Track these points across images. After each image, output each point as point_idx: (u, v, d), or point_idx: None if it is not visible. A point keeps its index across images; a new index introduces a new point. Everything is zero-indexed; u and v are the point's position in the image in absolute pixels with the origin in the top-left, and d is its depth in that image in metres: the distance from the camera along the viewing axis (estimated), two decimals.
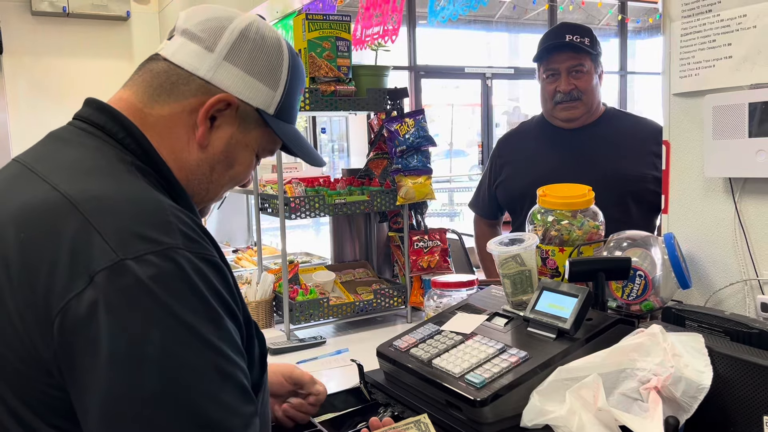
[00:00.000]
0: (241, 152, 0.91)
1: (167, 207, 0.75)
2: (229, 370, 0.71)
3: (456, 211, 9.01)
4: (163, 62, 0.86)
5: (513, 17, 8.78)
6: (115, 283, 0.66)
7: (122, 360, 0.65)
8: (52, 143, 0.85)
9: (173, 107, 0.85)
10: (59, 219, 0.70)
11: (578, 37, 1.98)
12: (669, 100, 1.38)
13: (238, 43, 0.86)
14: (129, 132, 0.82)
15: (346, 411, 1.28)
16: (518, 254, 1.32)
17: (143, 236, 0.69)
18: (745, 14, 1.21)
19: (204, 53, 0.85)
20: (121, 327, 0.66)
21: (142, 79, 0.87)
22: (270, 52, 0.89)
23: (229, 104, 0.86)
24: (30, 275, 0.68)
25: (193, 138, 0.86)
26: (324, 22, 1.97)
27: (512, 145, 2.27)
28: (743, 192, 1.25)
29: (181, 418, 0.67)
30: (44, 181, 0.75)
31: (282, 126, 0.92)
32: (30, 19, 5.02)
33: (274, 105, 0.90)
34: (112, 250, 0.67)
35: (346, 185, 2.15)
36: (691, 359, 0.99)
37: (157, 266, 0.68)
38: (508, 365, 1.11)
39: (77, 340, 0.66)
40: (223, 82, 0.86)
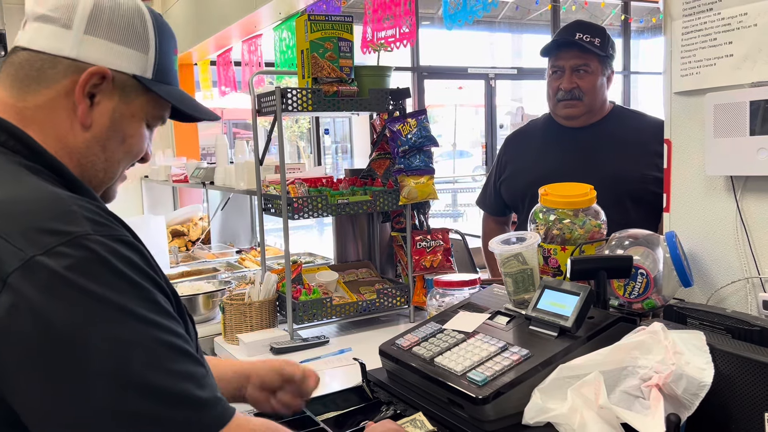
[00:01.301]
0: (129, 124, 0.87)
1: (66, 198, 0.74)
2: (170, 339, 0.71)
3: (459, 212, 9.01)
4: (23, 52, 0.83)
5: (516, 18, 8.79)
6: (30, 280, 0.65)
7: (56, 355, 0.65)
8: None
9: (46, 94, 0.82)
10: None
11: (588, 36, 1.97)
12: (670, 98, 1.38)
13: (95, 13, 0.83)
14: (9, 133, 0.79)
15: (349, 409, 1.29)
16: (520, 253, 1.33)
17: (49, 230, 0.68)
18: (745, 12, 1.21)
19: (63, 32, 0.82)
20: (47, 322, 0.65)
21: (6, 74, 0.84)
22: (130, 15, 0.86)
23: (104, 77, 0.83)
24: None
25: (75, 120, 0.83)
26: (326, 23, 1.97)
27: (518, 143, 2.27)
28: (744, 190, 1.25)
29: (134, 396, 0.67)
30: None
31: (165, 88, 0.89)
32: None
33: (150, 68, 0.87)
34: (20, 249, 0.66)
35: (348, 185, 2.16)
36: (692, 357, 0.99)
37: (71, 256, 0.67)
38: (510, 363, 1.11)
39: (4, 346, 0.65)
40: (90, 56, 0.82)
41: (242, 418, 0.76)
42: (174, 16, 5.23)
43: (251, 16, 3.75)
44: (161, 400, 0.68)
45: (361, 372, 1.34)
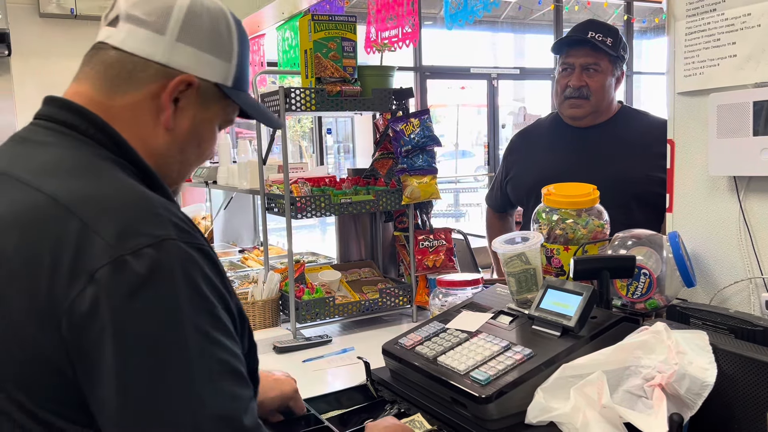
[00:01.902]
0: (207, 128, 0.91)
1: (156, 200, 0.76)
2: (225, 358, 0.73)
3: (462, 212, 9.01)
4: (114, 51, 0.84)
5: (518, 18, 8.78)
6: (115, 278, 0.68)
7: (126, 352, 0.68)
8: (21, 145, 0.84)
9: (134, 96, 0.84)
10: (53, 222, 0.71)
11: (601, 35, 1.97)
12: (673, 98, 1.38)
13: (188, 21, 0.85)
14: (99, 128, 0.82)
15: (353, 408, 1.29)
16: (523, 253, 1.33)
17: (138, 231, 0.71)
18: (749, 13, 1.21)
19: (156, 37, 0.84)
20: (122, 320, 0.68)
21: (95, 72, 0.85)
22: (218, 24, 0.88)
23: (190, 84, 0.86)
24: (30, 282, 0.69)
25: (159, 123, 0.86)
26: (330, 23, 1.98)
27: (524, 142, 2.27)
28: (748, 190, 1.25)
29: (183, 406, 0.69)
30: (26, 185, 0.75)
31: (242, 96, 0.93)
32: (38, 21, 5.06)
33: (231, 77, 0.90)
34: (111, 246, 0.69)
35: (351, 185, 2.17)
36: (695, 356, 0.99)
37: (154, 258, 0.69)
38: (513, 363, 1.11)
39: (85, 336, 0.68)
40: (180, 63, 0.85)
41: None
42: None
43: (254, 16, 3.76)
44: (200, 413, 0.70)
45: (366, 371, 1.34)
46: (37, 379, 0.70)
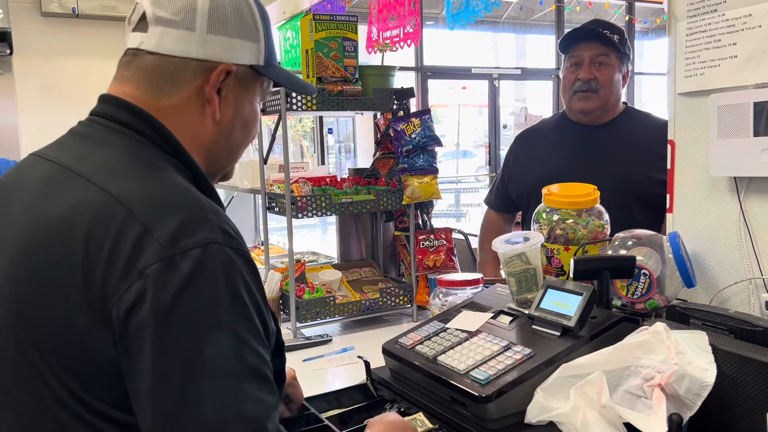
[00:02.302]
0: (249, 109, 0.95)
1: (206, 204, 0.79)
2: (255, 363, 0.75)
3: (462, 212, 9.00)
4: (151, 56, 0.87)
5: (520, 18, 8.78)
6: (162, 274, 0.71)
7: (164, 346, 0.71)
8: (81, 141, 0.87)
9: (181, 95, 0.87)
10: (113, 220, 0.74)
11: (608, 31, 1.97)
12: (674, 99, 1.39)
13: (213, 12, 0.87)
14: (155, 128, 0.85)
15: (353, 407, 1.29)
16: (523, 252, 1.33)
17: (189, 233, 0.74)
18: (750, 14, 1.22)
19: (187, 35, 0.86)
20: (164, 315, 0.71)
21: (138, 76, 0.88)
22: (241, 8, 0.90)
23: (229, 72, 0.88)
24: (87, 274, 0.73)
25: (206, 116, 0.89)
26: (331, 23, 1.98)
27: (528, 140, 2.26)
28: (748, 191, 1.25)
29: (209, 405, 0.71)
30: (90, 182, 0.79)
31: (274, 70, 0.96)
32: (40, 20, 5.07)
33: (262, 56, 0.93)
34: (162, 246, 0.72)
35: (352, 184, 2.17)
36: (694, 357, 0.99)
37: (200, 260, 0.73)
38: (513, 362, 1.11)
39: (128, 327, 0.72)
40: (215, 55, 0.87)
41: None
42: None
43: None
44: (227, 414, 0.72)
45: (366, 370, 1.34)
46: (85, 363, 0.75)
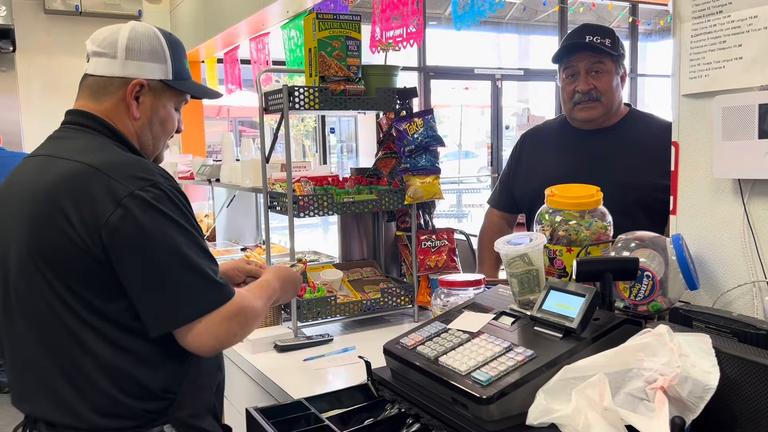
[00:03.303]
0: (163, 111, 1.33)
1: (146, 162, 1.22)
2: (202, 244, 1.18)
3: (464, 213, 9.00)
4: (91, 77, 1.29)
5: (523, 19, 8.77)
6: (133, 203, 1.11)
7: (144, 243, 1.11)
8: (57, 140, 1.28)
9: (111, 101, 1.28)
10: (90, 177, 1.13)
11: (599, 38, 1.96)
12: (678, 101, 1.38)
13: (129, 45, 1.27)
14: (102, 124, 1.27)
15: (353, 407, 1.29)
16: (526, 254, 1.32)
17: (140, 177, 1.14)
18: (755, 15, 1.21)
19: (112, 61, 1.27)
20: (141, 226, 1.11)
21: (86, 92, 1.30)
22: (151, 40, 1.30)
23: (142, 85, 1.28)
24: (80, 211, 1.11)
25: (129, 114, 1.29)
26: (334, 22, 1.98)
27: (532, 142, 2.25)
28: (752, 193, 1.25)
29: (184, 270, 1.13)
30: (69, 160, 1.17)
31: (181, 83, 1.34)
32: (43, 17, 5.07)
33: (170, 72, 1.32)
34: (126, 186, 1.12)
35: (354, 184, 2.16)
36: (698, 359, 0.98)
37: (153, 192, 1.13)
38: (515, 364, 1.11)
39: (117, 237, 1.10)
40: (132, 73, 1.28)
41: (240, 293, 1.22)
42: (181, 14, 5.24)
43: (259, 14, 3.76)
44: (199, 276, 1.14)
45: (367, 370, 1.34)
46: (85, 272, 1.12)
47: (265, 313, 1.34)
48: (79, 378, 1.13)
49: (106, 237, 1.10)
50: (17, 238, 1.16)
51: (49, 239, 1.12)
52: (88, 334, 1.12)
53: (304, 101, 1.91)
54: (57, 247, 1.12)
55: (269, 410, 1.28)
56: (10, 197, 1.22)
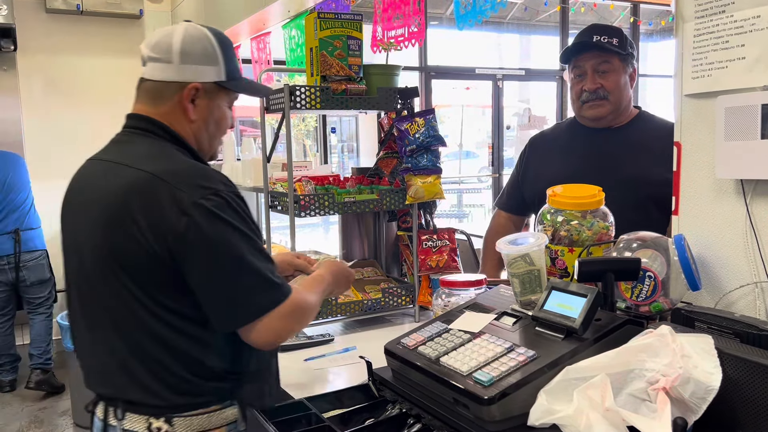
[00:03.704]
0: (218, 110, 1.37)
1: (208, 169, 1.27)
2: (263, 249, 1.24)
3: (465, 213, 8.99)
4: (148, 82, 1.33)
5: (524, 19, 8.77)
6: (196, 212, 1.17)
7: (209, 249, 1.18)
8: (120, 145, 1.34)
9: (168, 105, 1.32)
10: (156, 187, 1.20)
11: (606, 37, 1.96)
12: (681, 101, 1.38)
13: (183, 49, 1.30)
14: (162, 128, 1.32)
15: (354, 407, 1.29)
16: (527, 254, 1.32)
17: (203, 186, 1.20)
18: (758, 15, 1.20)
19: (168, 66, 1.30)
20: (203, 232, 1.17)
21: (143, 95, 1.34)
22: (204, 43, 1.32)
23: (197, 89, 1.31)
24: (149, 219, 1.18)
25: (186, 118, 1.33)
26: (336, 21, 1.97)
27: (541, 144, 2.25)
28: (755, 194, 1.24)
29: (245, 274, 1.20)
30: (135, 168, 1.24)
31: (234, 83, 1.37)
32: (44, 17, 5.06)
33: (223, 74, 1.34)
34: (190, 196, 1.18)
35: (355, 184, 2.16)
36: (700, 360, 0.98)
37: (214, 200, 1.19)
38: (516, 364, 1.11)
39: (182, 244, 1.17)
40: (186, 77, 1.31)
41: (296, 290, 1.27)
42: (182, 14, 5.24)
43: (260, 14, 3.76)
44: (259, 277, 1.21)
45: (368, 370, 1.33)
46: (150, 269, 1.19)
47: (319, 307, 1.39)
48: (152, 362, 1.22)
49: (172, 243, 1.18)
50: (91, 239, 1.25)
51: (120, 242, 1.20)
52: (157, 325, 1.21)
53: (305, 101, 1.91)
54: (127, 250, 1.20)
55: (270, 410, 1.28)
56: (82, 200, 1.31)
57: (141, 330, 1.22)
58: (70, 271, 1.34)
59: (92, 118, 4.96)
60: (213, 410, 1.25)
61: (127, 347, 1.23)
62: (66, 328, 3.52)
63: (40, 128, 4.98)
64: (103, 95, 5.30)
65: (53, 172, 4.79)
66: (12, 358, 4.35)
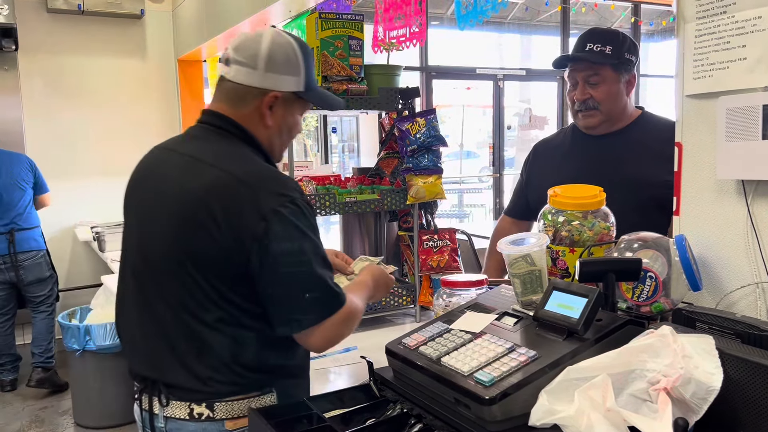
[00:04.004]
0: (292, 118, 1.43)
1: (284, 176, 1.36)
2: (326, 257, 1.32)
3: (465, 213, 8.99)
4: (230, 83, 1.37)
5: (525, 19, 8.76)
6: (274, 218, 1.24)
7: (283, 256, 1.25)
8: (200, 141, 1.39)
9: (247, 108, 1.37)
10: (237, 189, 1.26)
11: (599, 45, 1.95)
12: (682, 101, 1.38)
13: (270, 58, 1.34)
14: (240, 129, 1.37)
15: (355, 407, 1.29)
16: (528, 254, 1.32)
17: (281, 193, 1.27)
18: (760, 16, 1.21)
19: (252, 72, 1.35)
20: (279, 238, 1.24)
21: (223, 96, 1.39)
22: (288, 53, 1.36)
23: (277, 97, 1.37)
24: (228, 219, 1.25)
25: (263, 123, 1.38)
26: (337, 21, 1.98)
27: (543, 151, 2.25)
28: (756, 194, 1.24)
29: (311, 282, 1.27)
30: (216, 167, 1.30)
31: (311, 93, 1.42)
32: (45, 16, 5.07)
33: (301, 84, 1.39)
34: (269, 202, 1.25)
35: (356, 184, 2.16)
36: (701, 361, 0.98)
37: (291, 208, 1.26)
38: (517, 364, 1.11)
39: (258, 247, 1.24)
40: (268, 85, 1.36)
41: (349, 298, 1.34)
42: (183, 14, 5.24)
43: (261, 14, 3.76)
44: (323, 286, 1.28)
45: (369, 370, 1.34)
46: (224, 268, 1.26)
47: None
48: (206, 351, 1.28)
49: (248, 245, 1.24)
50: (163, 231, 1.31)
51: (196, 238, 1.27)
52: (219, 317, 1.27)
53: None
54: (202, 245, 1.26)
55: (271, 410, 1.28)
56: (159, 194, 1.35)
57: (200, 320, 1.27)
58: (129, 253, 1.40)
59: (93, 118, 4.97)
60: (253, 396, 1.32)
61: (183, 334, 1.29)
62: (67, 327, 3.53)
63: (41, 128, 4.98)
64: (104, 95, 5.30)
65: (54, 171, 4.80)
66: (12, 358, 4.36)
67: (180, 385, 1.31)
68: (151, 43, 5.46)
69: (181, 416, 1.31)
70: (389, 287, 1.64)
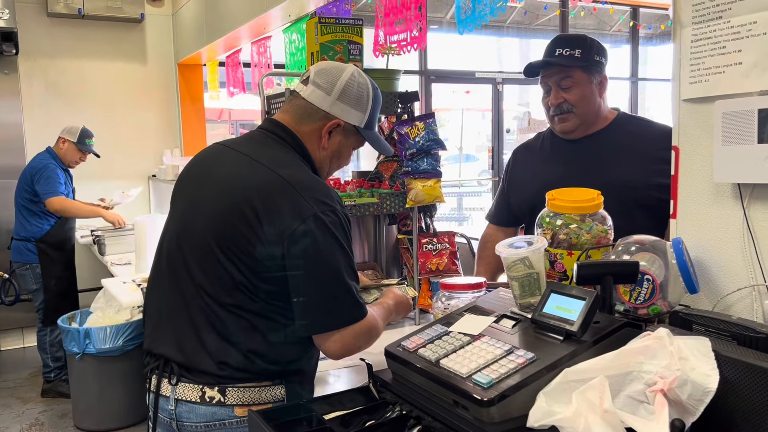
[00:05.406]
0: (346, 149, 1.55)
1: (329, 187, 1.42)
2: (355, 268, 1.39)
3: (465, 216, 9.00)
4: (303, 100, 1.48)
5: (524, 23, 8.79)
6: (314, 223, 1.32)
7: (315, 258, 1.32)
8: (258, 145, 1.48)
9: (310, 127, 1.48)
10: (285, 190, 1.35)
11: (568, 50, 1.96)
12: (678, 105, 1.39)
13: (345, 89, 1.46)
14: (297, 142, 1.47)
15: (355, 409, 1.29)
16: (526, 257, 1.33)
17: (324, 202, 1.35)
18: (755, 21, 1.22)
19: (326, 96, 1.46)
20: (317, 244, 1.32)
21: (292, 109, 1.49)
22: (362, 91, 1.49)
23: (339, 125, 1.48)
24: (271, 216, 1.33)
25: (320, 144, 1.49)
26: (336, 26, 1.99)
27: (524, 154, 2.25)
28: (752, 198, 1.25)
29: (339, 287, 1.34)
30: (269, 169, 1.39)
31: (368, 133, 1.54)
32: (46, 20, 5.09)
33: (364, 121, 1.51)
34: (312, 208, 1.33)
35: (356, 187, 2.17)
36: (697, 362, 0.99)
37: (331, 217, 1.34)
38: (516, 366, 1.11)
39: (295, 248, 1.31)
40: (335, 112, 1.47)
41: (371, 313, 1.42)
42: (183, 18, 5.26)
43: (261, 18, 3.77)
44: (349, 294, 1.36)
45: (368, 372, 1.34)
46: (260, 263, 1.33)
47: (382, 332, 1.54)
48: (229, 337, 1.34)
49: (287, 245, 1.31)
50: (206, 213, 1.39)
51: (235, 230, 1.34)
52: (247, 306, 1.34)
53: None
54: (240, 238, 1.34)
55: (270, 413, 1.29)
56: (209, 182, 1.44)
57: (227, 307, 1.34)
58: (169, 233, 1.48)
59: (93, 122, 4.98)
60: (264, 385, 1.38)
61: (207, 319, 1.35)
62: (67, 331, 3.53)
63: (41, 132, 4.99)
64: (104, 99, 5.32)
65: None
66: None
67: (195, 367, 1.36)
68: (151, 47, 5.48)
69: (193, 399, 1.36)
70: (409, 312, 1.70)
